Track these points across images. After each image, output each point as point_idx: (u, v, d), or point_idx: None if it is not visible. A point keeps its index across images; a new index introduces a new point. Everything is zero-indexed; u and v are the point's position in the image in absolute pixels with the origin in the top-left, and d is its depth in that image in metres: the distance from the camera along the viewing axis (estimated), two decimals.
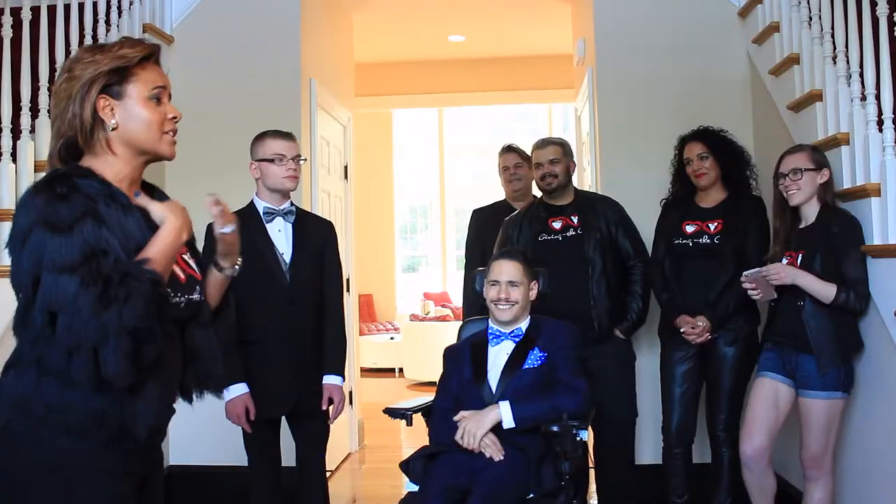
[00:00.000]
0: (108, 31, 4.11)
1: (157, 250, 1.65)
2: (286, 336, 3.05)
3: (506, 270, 3.09)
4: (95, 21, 4.07)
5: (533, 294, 3.14)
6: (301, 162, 3.13)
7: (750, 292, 3.08)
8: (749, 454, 3.12)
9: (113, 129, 1.71)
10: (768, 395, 3.10)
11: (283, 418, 3.20)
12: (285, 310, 3.06)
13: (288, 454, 3.24)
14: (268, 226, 3.11)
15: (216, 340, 1.88)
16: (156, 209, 1.72)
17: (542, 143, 3.76)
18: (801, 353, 2.98)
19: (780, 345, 3.08)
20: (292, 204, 3.19)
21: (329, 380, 3.14)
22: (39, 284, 1.55)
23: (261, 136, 3.13)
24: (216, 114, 4.51)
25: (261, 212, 3.11)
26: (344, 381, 3.19)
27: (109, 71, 1.70)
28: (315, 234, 3.19)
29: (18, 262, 1.59)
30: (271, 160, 3.07)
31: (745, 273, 3.09)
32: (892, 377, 2.88)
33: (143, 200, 1.73)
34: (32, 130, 3.52)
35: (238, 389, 3.00)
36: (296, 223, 3.15)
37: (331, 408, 3.16)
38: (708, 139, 3.56)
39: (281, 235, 3.12)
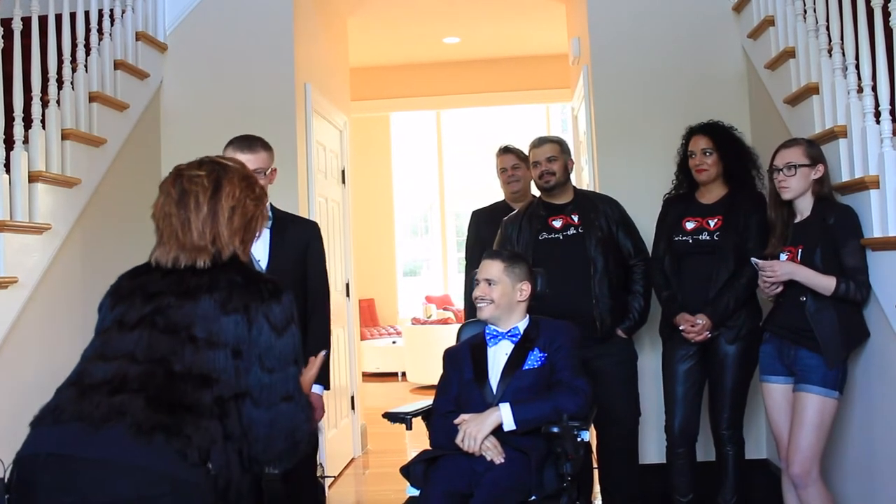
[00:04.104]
0: (100, 39, 4.08)
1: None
2: None
3: (485, 269, 3.07)
4: (87, 30, 4.04)
5: (522, 295, 3.06)
6: (262, 174, 2.88)
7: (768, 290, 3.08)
8: (797, 472, 2.93)
9: None
10: (782, 405, 3.06)
11: None
12: None
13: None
14: None
15: None
16: None
17: (539, 142, 3.74)
18: (800, 348, 2.96)
19: (780, 336, 3.06)
20: (272, 208, 2.99)
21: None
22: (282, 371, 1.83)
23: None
24: (210, 121, 4.48)
25: None
26: (326, 389, 3.05)
27: None
28: (295, 238, 3.05)
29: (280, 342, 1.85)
30: None
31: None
32: (893, 370, 2.85)
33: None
34: (26, 141, 3.50)
35: None
36: (274, 228, 3.00)
37: None
38: (715, 134, 3.51)
39: (258, 242, 3.02)
